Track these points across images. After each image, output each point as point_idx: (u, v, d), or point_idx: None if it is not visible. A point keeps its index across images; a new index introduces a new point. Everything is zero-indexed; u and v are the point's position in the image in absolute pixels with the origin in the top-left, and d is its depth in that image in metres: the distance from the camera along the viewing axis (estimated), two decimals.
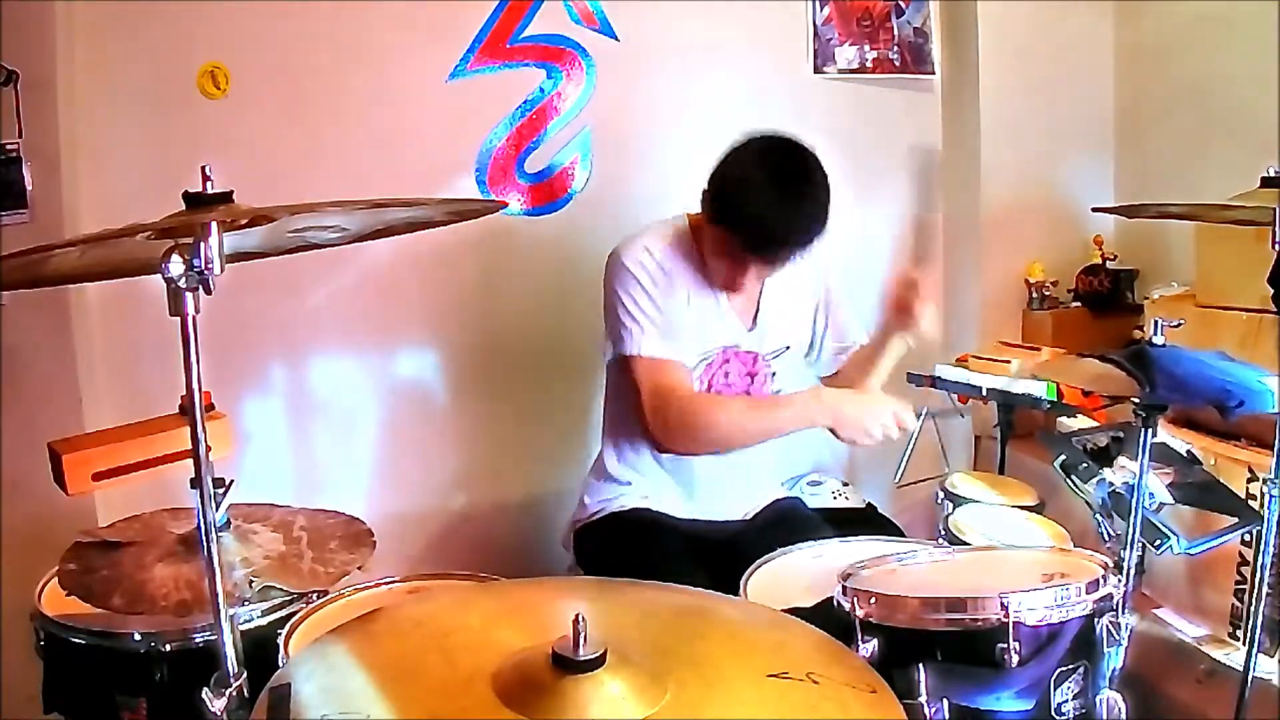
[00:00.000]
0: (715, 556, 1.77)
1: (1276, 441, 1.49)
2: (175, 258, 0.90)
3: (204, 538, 0.96)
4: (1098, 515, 1.55)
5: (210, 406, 1.04)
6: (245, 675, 0.99)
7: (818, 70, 2.73)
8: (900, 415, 1.68)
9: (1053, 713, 1.20)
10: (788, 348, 1.95)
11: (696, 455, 1.83)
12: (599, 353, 1.92)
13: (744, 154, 1.72)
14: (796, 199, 1.67)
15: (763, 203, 1.65)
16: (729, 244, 1.72)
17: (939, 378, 2.47)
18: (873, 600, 1.21)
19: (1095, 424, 2.11)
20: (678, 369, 1.76)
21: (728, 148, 1.75)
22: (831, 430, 1.69)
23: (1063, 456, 1.63)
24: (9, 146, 2.13)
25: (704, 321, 1.83)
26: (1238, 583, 1.98)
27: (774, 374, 1.94)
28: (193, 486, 0.97)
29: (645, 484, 1.92)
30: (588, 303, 1.92)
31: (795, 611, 1.24)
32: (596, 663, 0.86)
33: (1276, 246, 1.38)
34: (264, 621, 1.42)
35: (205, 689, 0.97)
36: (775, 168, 1.68)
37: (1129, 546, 1.33)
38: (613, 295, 1.79)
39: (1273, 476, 1.51)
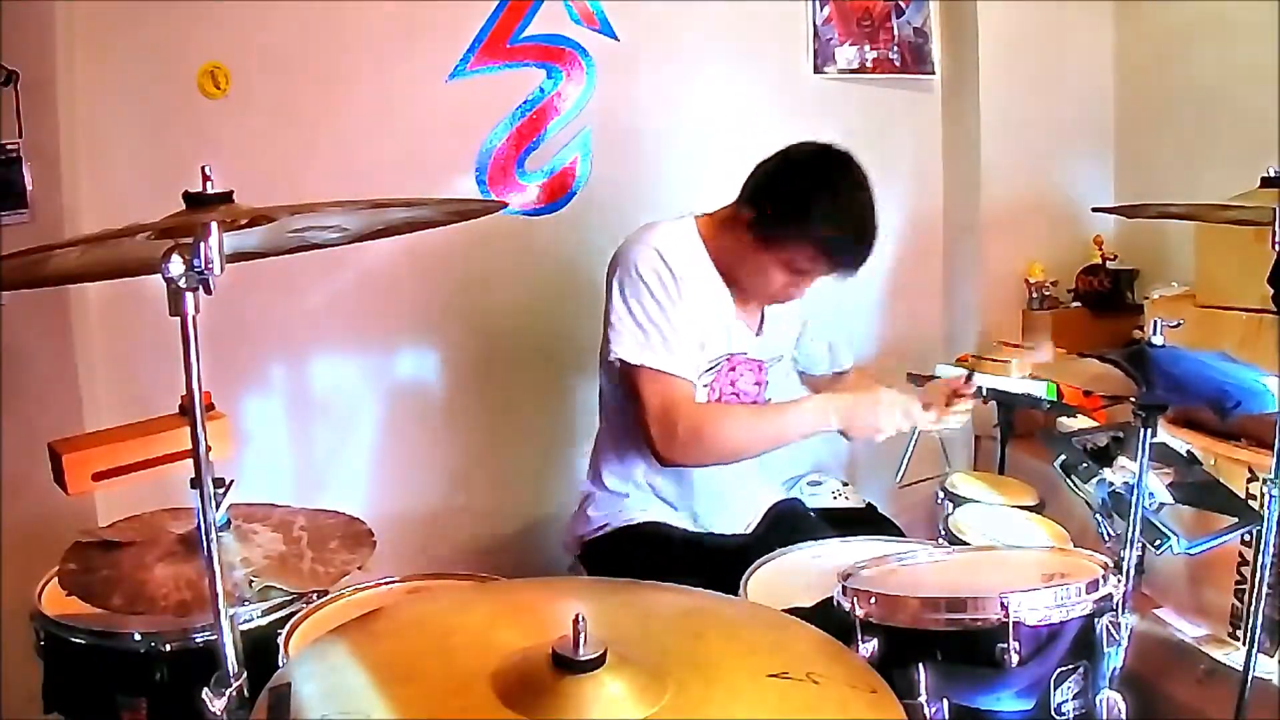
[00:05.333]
0: (723, 567, 1.75)
1: (1276, 441, 1.49)
2: (175, 258, 0.90)
3: (204, 538, 0.96)
4: (1098, 515, 1.55)
5: (210, 406, 1.04)
6: (245, 675, 0.99)
7: (818, 70, 2.73)
8: (909, 409, 1.68)
9: (1053, 713, 1.20)
10: (782, 357, 1.95)
11: (703, 467, 1.80)
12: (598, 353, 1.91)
13: (807, 166, 1.73)
14: (871, 205, 1.72)
15: (850, 212, 1.69)
16: (798, 257, 1.70)
17: (939, 378, 2.46)
18: (873, 600, 1.21)
19: (1095, 424, 2.10)
20: (683, 384, 1.71)
21: (774, 163, 1.75)
22: (842, 432, 1.68)
23: (1063, 456, 1.63)
24: (9, 146, 2.13)
25: (713, 328, 1.79)
26: (1238, 583, 1.97)
27: (768, 382, 1.93)
28: (193, 486, 0.97)
29: (648, 495, 1.89)
30: (588, 302, 1.91)
31: (795, 611, 1.24)
32: (596, 663, 0.86)
33: (1276, 246, 1.38)
34: (264, 621, 1.41)
35: (205, 689, 0.97)
36: (847, 176, 1.71)
37: (1129, 546, 1.33)
38: (620, 298, 1.73)
39: (1273, 476, 1.51)
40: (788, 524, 1.90)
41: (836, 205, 1.69)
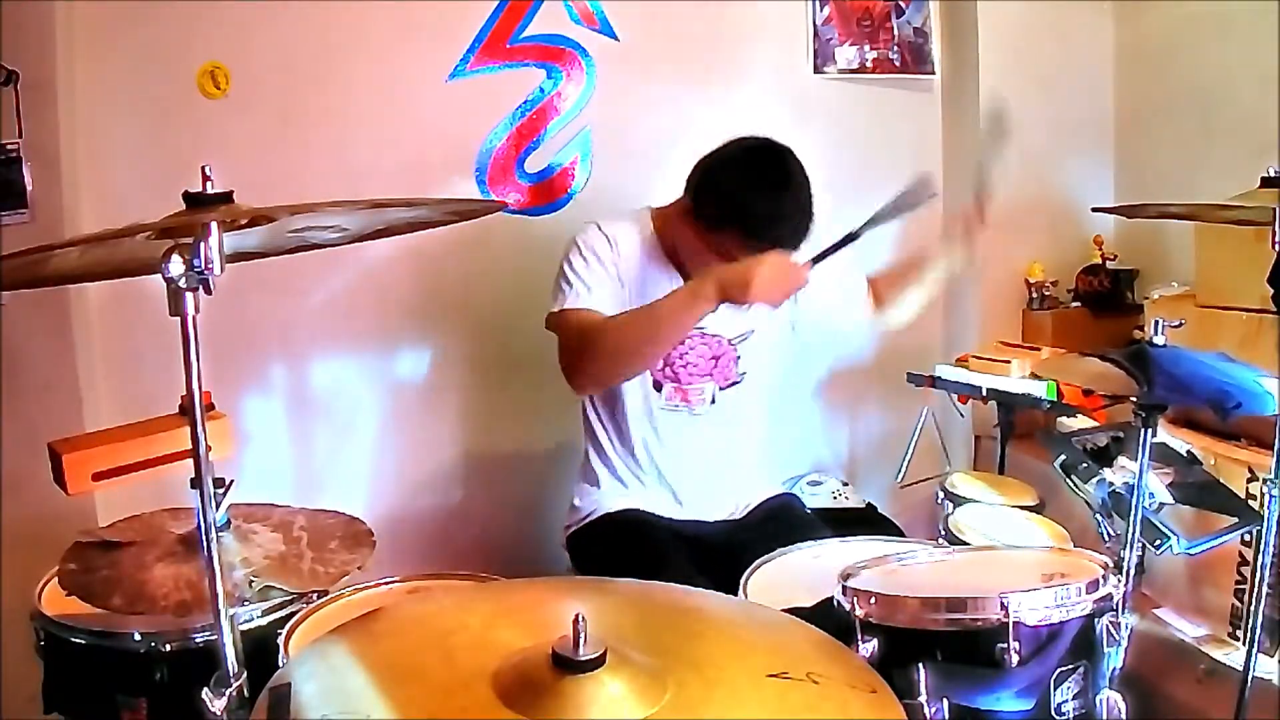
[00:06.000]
0: (709, 555, 1.77)
1: (1276, 441, 1.49)
2: (175, 258, 0.90)
3: (204, 538, 0.96)
4: (1098, 515, 1.55)
5: (210, 406, 1.04)
6: (245, 675, 0.99)
7: (818, 70, 2.73)
8: (793, 270, 1.63)
9: (1053, 713, 1.20)
10: (753, 331, 1.93)
11: (612, 383, 1.85)
12: None
13: (736, 160, 1.76)
14: (798, 194, 1.73)
15: (761, 197, 1.70)
16: (728, 244, 1.71)
17: (939, 378, 2.47)
18: (873, 600, 1.21)
19: (1095, 424, 2.11)
20: (594, 314, 1.75)
21: (710, 158, 1.79)
22: (732, 302, 1.62)
23: (1063, 456, 1.63)
24: (9, 146, 2.13)
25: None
26: (1238, 583, 1.97)
27: (739, 358, 1.93)
28: (193, 486, 0.97)
29: (631, 483, 1.93)
30: None
31: (795, 611, 1.24)
32: (596, 663, 0.86)
33: (1276, 246, 1.38)
34: (264, 621, 1.41)
35: (205, 689, 0.97)
36: (775, 168, 1.73)
37: (1129, 546, 1.33)
38: (559, 269, 1.83)
39: (1273, 476, 1.51)
40: (781, 521, 1.91)
41: (754, 188, 1.71)
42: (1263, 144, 2.13)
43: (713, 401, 1.92)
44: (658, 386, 1.89)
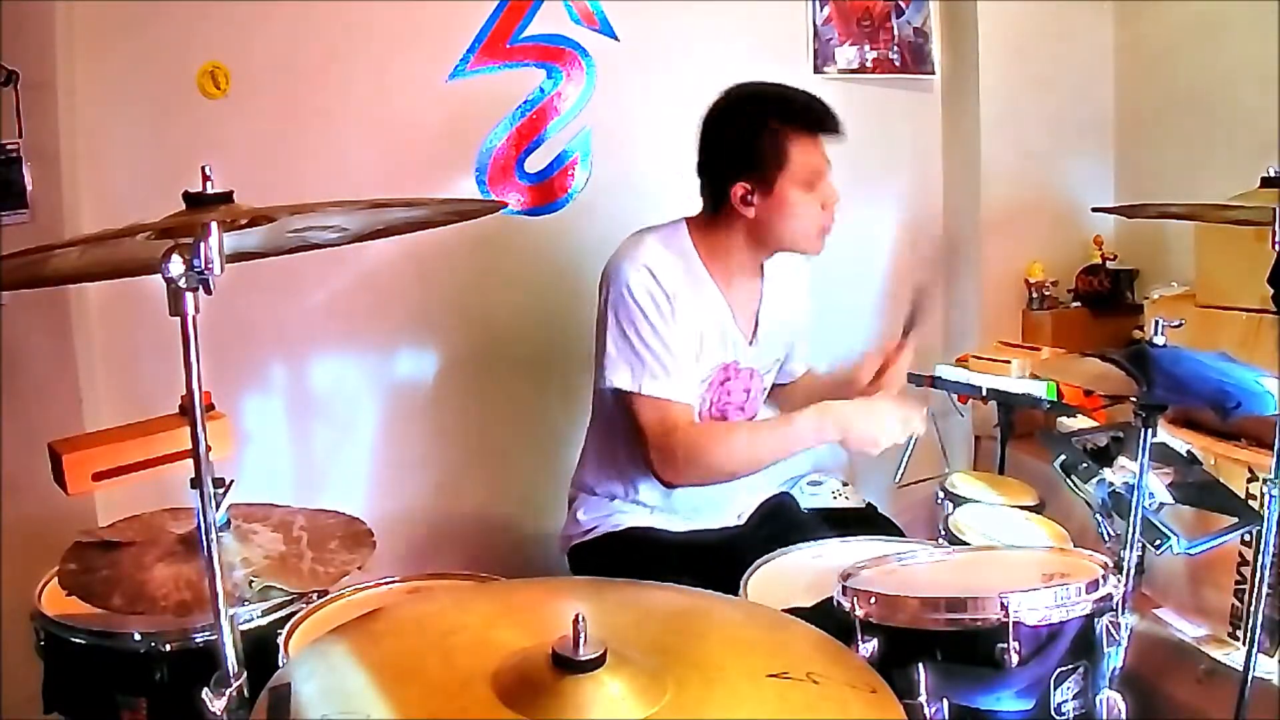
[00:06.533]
0: (713, 564, 1.75)
1: (1276, 441, 1.49)
2: (175, 258, 0.90)
3: (204, 538, 0.96)
4: (1098, 515, 1.55)
5: (210, 406, 1.04)
6: (245, 675, 0.99)
7: (818, 70, 2.73)
8: (908, 420, 1.65)
9: (1053, 713, 1.20)
10: (779, 361, 1.94)
11: (709, 485, 1.78)
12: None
13: (718, 120, 1.76)
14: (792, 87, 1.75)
15: (787, 91, 1.72)
16: (787, 161, 1.68)
17: (939, 378, 2.47)
18: (873, 600, 1.21)
19: (1095, 424, 2.10)
20: (681, 408, 1.70)
21: (703, 145, 1.77)
22: (840, 442, 1.66)
23: (1063, 456, 1.63)
24: (9, 146, 2.13)
25: (710, 340, 1.77)
26: (1238, 583, 1.97)
27: (765, 389, 1.92)
28: (193, 486, 0.97)
29: (636, 499, 1.88)
30: (588, 303, 1.91)
31: (795, 611, 1.24)
32: (596, 663, 0.86)
33: (1276, 246, 1.38)
34: (264, 621, 1.42)
35: (205, 689, 0.97)
36: (759, 85, 1.76)
37: (1129, 546, 1.33)
38: (614, 322, 1.70)
39: (1273, 476, 1.51)
40: (780, 520, 1.91)
41: (787, 92, 1.73)
42: (1263, 144, 2.13)
43: None
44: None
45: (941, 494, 2.05)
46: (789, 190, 1.70)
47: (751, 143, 1.69)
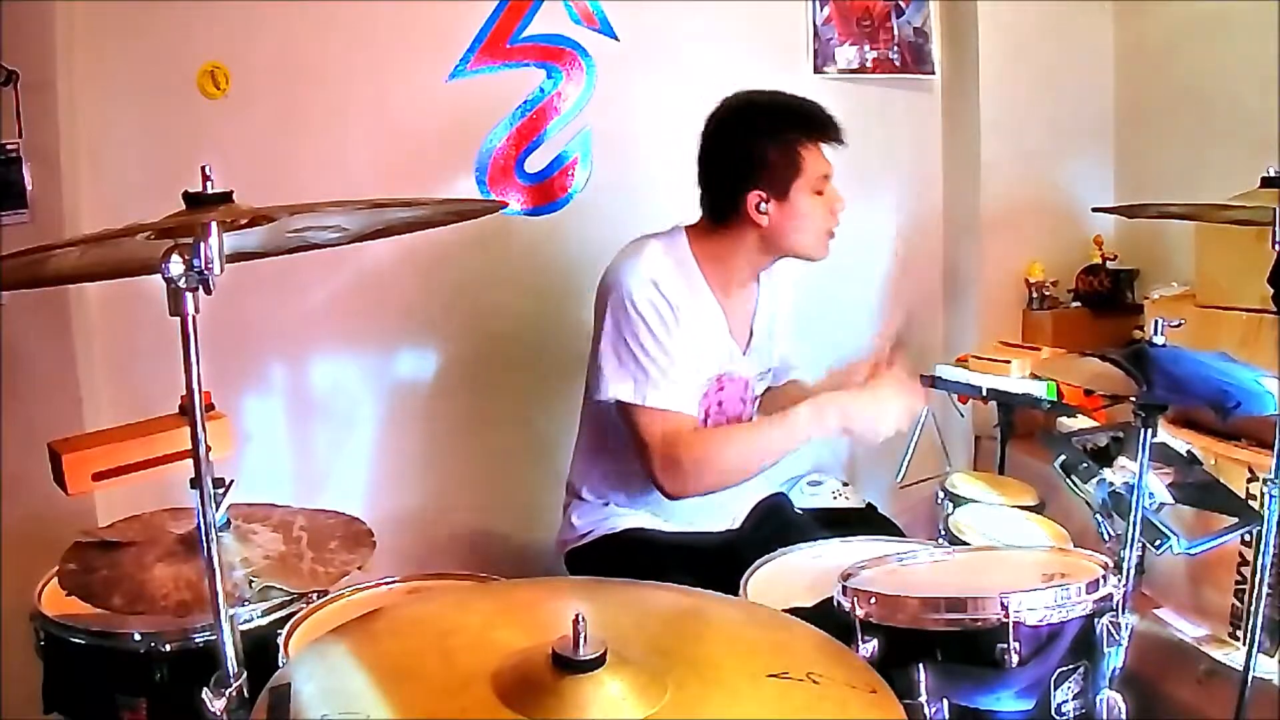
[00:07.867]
0: (711, 565, 1.74)
1: (1276, 441, 1.50)
2: (175, 258, 0.90)
3: (204, 538, 0.96)
4: (1098, 515, 1.55)
5: (210, 406, 1.04)
6: (245, 675, 0.99)
7: (818, 70, 2.73)
8: (911, 406, 1.65)
9: (1053, 713, 1.20)
10: (770, 370, 1.94)
11: (714, 493, 1.75)
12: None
13: (719, 132, 1.76)
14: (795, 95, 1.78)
15: (794, 101, 1.75)
16: (795, 165, 1.69)
17: (939, 378, 2.46)
18: (873, 600, 1.21)
19: (1095, 424, 2.10)
20: (683, 418, 1.68)
21: (706, 159, 1.77)
22: (854, 437, 1.65)
23: (1063, 456, 1.63)
24: (9, 146, 2.13)
25: (708, 351, 1.77)
26: (1238, 583, 1.97)
27: (756, 397, 1.92)
28: (193, 486, 0.97)
29: (631, 503, 1.87)
30: (587, 303, 1.91)
31: (795, 611, 1.24)
32: (596, 663, 0.86)
33: (1276, 246, 1.38)
34: (264, 621, 1.42)
35: (205, 689, 0.97)
36: (763, 93, 1.79)
37: (1129, 546, 1.33)
38: (615, 333, 1.68)
39: (1273, 476, 1.51)
40: (775, 521, 1.90)
41: (794, 101, 1.75)
42: (1263, 144, 2.13)
43: None
44: None
45: (941, 494, 2.05)
46: (801, 197, 1.71)
47: (766, 152, 1.70)
